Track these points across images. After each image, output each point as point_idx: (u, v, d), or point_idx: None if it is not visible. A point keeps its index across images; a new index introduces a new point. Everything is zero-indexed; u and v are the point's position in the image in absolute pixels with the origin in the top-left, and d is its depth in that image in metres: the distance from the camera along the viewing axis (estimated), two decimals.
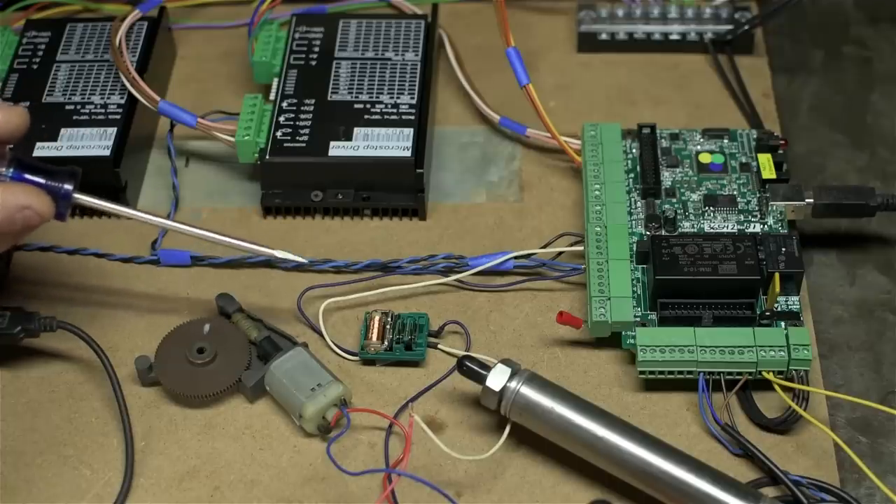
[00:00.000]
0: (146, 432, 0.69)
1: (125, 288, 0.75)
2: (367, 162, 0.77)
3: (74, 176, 0.65)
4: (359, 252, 0.77)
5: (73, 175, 0.65)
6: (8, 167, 0.64)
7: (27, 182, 0.64)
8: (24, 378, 0.71)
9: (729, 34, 0.87)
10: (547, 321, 0.73)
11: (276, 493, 0.66)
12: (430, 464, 0.67)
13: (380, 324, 0.72)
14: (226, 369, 0.69)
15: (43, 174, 0.65)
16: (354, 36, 0.84)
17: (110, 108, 0.80)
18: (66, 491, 0.67)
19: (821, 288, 0.75)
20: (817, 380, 0.70)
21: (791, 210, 0.75)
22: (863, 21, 0.92)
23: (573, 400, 0.65)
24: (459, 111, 0.85)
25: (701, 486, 0.63)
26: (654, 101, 0.86)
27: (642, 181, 0.76)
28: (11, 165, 0.64)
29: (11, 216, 0.62)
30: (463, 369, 0.67)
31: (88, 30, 0.85)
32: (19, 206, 0.62)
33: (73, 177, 0.65)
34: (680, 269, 0.69)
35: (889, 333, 0.73)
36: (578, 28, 0.89)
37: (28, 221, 0.63)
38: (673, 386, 0.69)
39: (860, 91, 0.87)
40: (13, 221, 0.62)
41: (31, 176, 0.65)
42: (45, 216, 0.63)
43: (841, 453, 0.67)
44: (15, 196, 0.62)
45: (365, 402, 0.69)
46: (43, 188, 0.64)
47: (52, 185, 0.65)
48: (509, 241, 0.77)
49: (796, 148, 0.83)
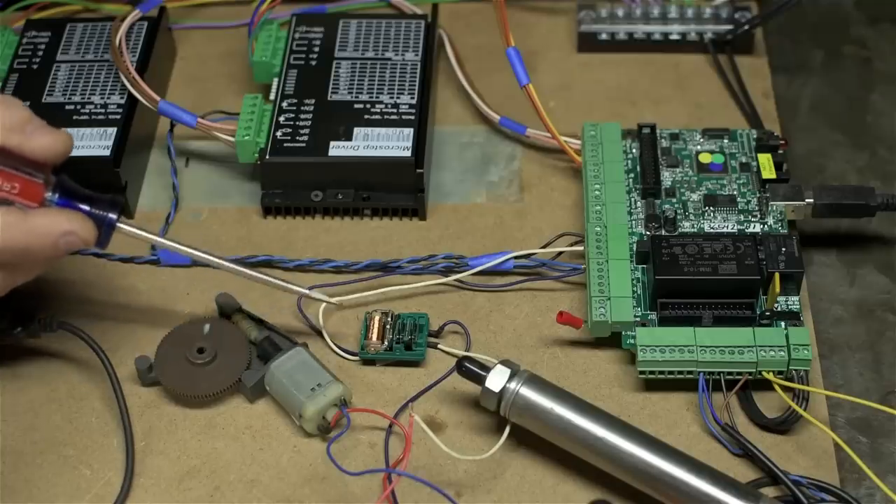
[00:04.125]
0: (146, 432, 0.69)
1: (125, 288, 0.75)
2: (367, 162, 0.77)
3: (117, 205, 0.66)
4: (359, 252, 0.77)
5: (115, 204, 0.66)
6: (53, 192, 0.65)
7: (72, 208, 0.65)
8: (24, 378, 0.71)
9: (729, 34, 0.87)
10: (547, 321, 0.73)
11: (276, 493, 0.66)
12: (430, 464, 0.67)
13: (380, 324, 0.72)
14: (226, 369, 0.70)
15: (87, 201, 0.65)
16: (354, 36, 0.84)
17: (110, 108, 0.80)
18: (66, 491, 0.67)
19: (821, 288, 0.75)
20: (817, 380, 0.70)
21: (791, 210, 0.75)
22: (863, 21, 0.92)
23: (572, 400, 0.65)
24: (459, 111, 0.85)
25: (701, 487, 0.63)
26: (654, 101, 0.86)
27: (642, 181, 0.76)
28: (56, 191, 0.65)
29: (56, 241, 0.63)
30: (462, 370, 0.67)
31: (88, 30, 0.85)
32: (64, 232, 0.63)
33: (117, 206, 0.66)
34: (680, 269, 0.69)
35: (889, 333, 0.73)
36: (578, 28, 0.89)
37: (70, 246, 0.64)
38: (673, 386, 0.69)
39: (860, 91, 0.87)
40: (57, 246, 0.63)
41: (77, 202, 0.65)
42: (88, 243, 0.64)
43: (841, 453, 0.67)
44: (60, 222, 0.63)
45: (365, 402, 0.69)
46: (87, 215, 0.65)
47: (96, 214, 0.65)
48: (509, 241, 0.77)
49: (796, 148, 0.83)
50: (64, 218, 0.64)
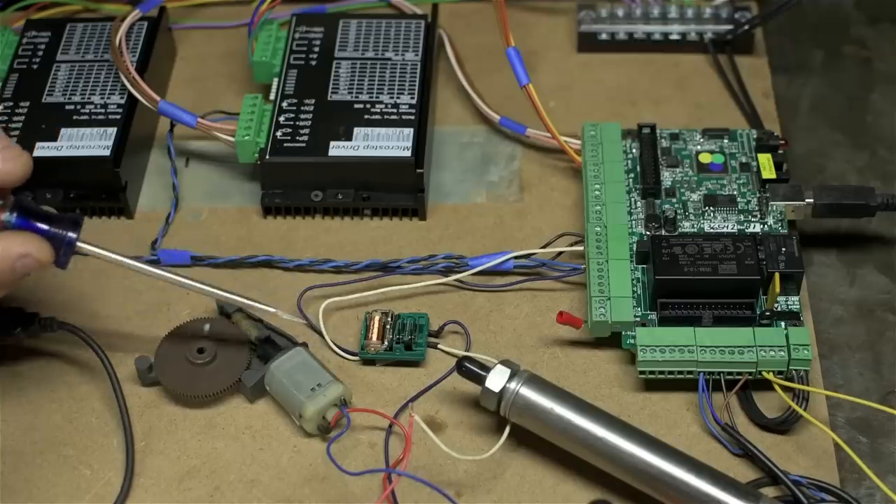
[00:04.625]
0: (146, 432, 0.69)
1: (125, 288, 0.75)
2: (367, 162, 0.77)
3: (77, 224, 0.64)
4: (359, 252, 0.77)
5: (76, 223, 0.64)
6: (11, 212, 0.63)
7: (30, 228, 0.63)
8: (24, 378, 0.71)
9: (729, 34, 0.87)
10: (547, 321, 0.73)
11: (276, 493, 0.66)
12: (430, 464, 0.67)
13: (380, 324, 0.72)
14: (226, 369, 0.70)
15: (46, 220, 0.64)
16: (354, 36, 0.84)
17: (110, 108, 0.80)
18: (66, 491, 0.67)
19: (821, 288, 0.75)
20: (817, 380, 0.70)
21: (791, 210, 0.75)
22: (863, 21, 0.92)
23: (572, 400, 0.65)
24: (459, 111, 0.85)
25: (701, 487, 0.63)
26: (654, 101, 0.86)
27: (642, 181, 0.76)
28: (14, 210, 0.63)
29: (12, 265, 0.62)
30: (462, 370, 0.67)
31: (88, 30, 0.85)
32: (20, 255, 0.62)
33: (76, 225, 0.64)
34: (680, 269, 0.69)
35: (889, 333, 0.73)
36: (578, 28, 0.89)
37: (27, 269, 0.63)
38: (673, 386, 0.69)
39: (860, 91, 0.87)
40: (14, 270, 0.62)
41: (35, 222, 0.64)
42: (44, 264, 0.63)
43: (841, 453, 0.67)
44: (15, 245, 0.62)
45: (365, 402, 0.69)
46: (46, 235, 0.63)
47: (55, 233, 0.64)
48: (509, 241, 0.77)
49: (796, 148, 0.83)
50: (19, 241, 0.62)
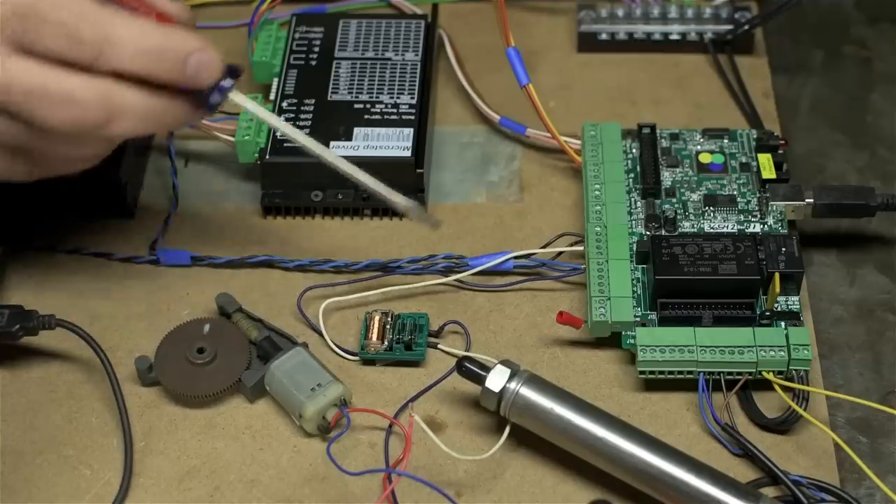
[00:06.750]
0: (146, 432, 0.69)
1: (125, 288, 0.75)
2: (367, 162, 0.77)
3: (236, 73, 0.65)
4: (359, 252, 0.77)
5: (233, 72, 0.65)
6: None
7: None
8: (24, 378, 0.71)
9: (729, 34, 0.87)
10: (547, 321, 0.73)
11: (276, 493, 0.66)
12: (430, 464, 0.67)
13: (380, 324, 0.72)
14: (226, 369, 0.69)
15: None
16: (354, 36, 0.84)
17: None
18: (66, 491, 0.66)
19: (821, 288, 0.75)
20: (817, 380, 0.70)
21: (791, 210, 0.75)
22: (863, 21, 0.92)
23: (572, 400, 0.65)
24: (459, 111, 0.85)
25: (701, 487, 0.63)
26: (654, 101, 0.86)
27: (642, 181, 0.76)
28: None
29: (187, 58, 0.61)
30: (462, 370, 0.67)
31: None
32: (199, 48, 0.62)
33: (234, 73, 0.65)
34: (680, 269, 0.69)
35: (889, 333, 0.73)
36: (578, 28, 0.89)
37: (200, 68, 0.62)
38: (673, 386, 0.69)
39: (860, 91, 0.87)
40: (187, 64, 0.62)
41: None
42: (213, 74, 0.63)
43: (841, 453, 0.67)
44: (194, 38, 0.62)
45: (365, 402, 0.69)
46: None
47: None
48: (509, 241, 0.77)
49: (796, 148, 0.83)
50: (195, 37, 0.62)
